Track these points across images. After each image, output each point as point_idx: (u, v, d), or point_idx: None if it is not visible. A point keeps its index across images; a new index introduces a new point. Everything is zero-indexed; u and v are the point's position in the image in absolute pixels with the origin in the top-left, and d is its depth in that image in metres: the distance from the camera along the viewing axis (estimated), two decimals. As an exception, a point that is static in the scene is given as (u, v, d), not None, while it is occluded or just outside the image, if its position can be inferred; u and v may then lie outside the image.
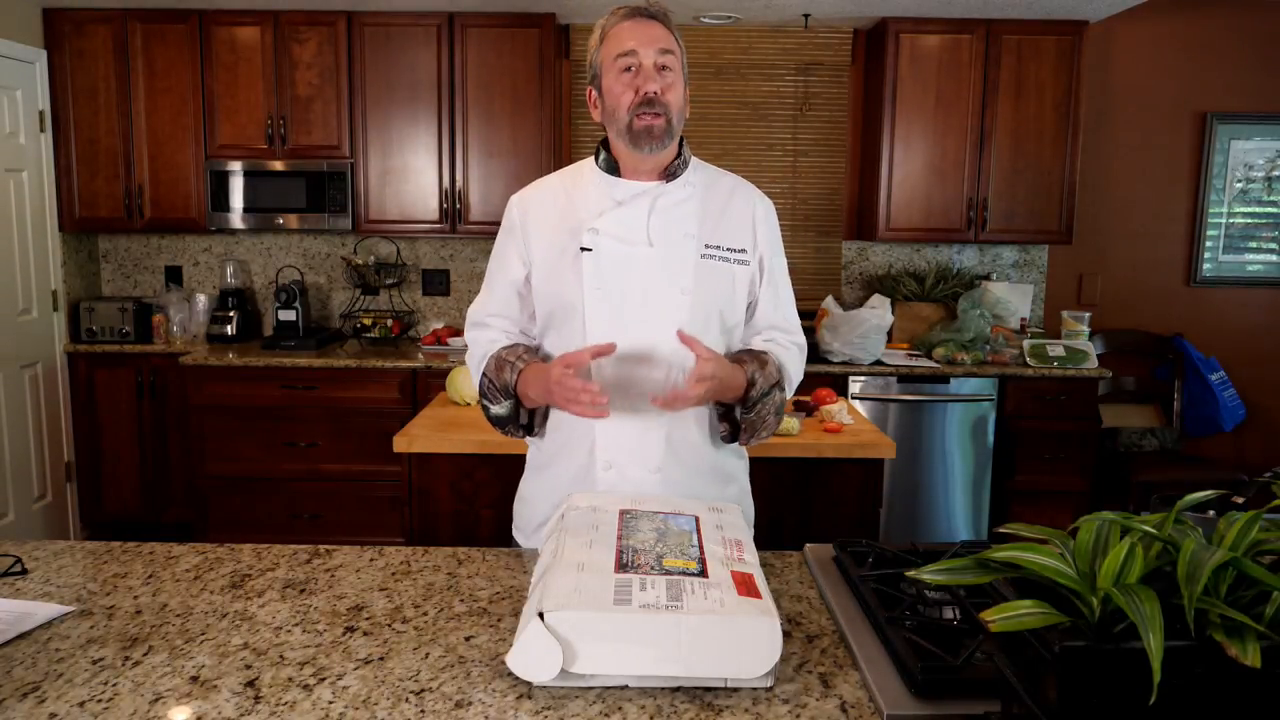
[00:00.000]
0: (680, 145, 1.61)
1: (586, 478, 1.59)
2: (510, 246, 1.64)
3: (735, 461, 1.71)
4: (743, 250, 1.61)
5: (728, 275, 1.60)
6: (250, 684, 1.09)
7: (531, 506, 1.71)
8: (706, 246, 1.59)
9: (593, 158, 1.64)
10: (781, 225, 1.71)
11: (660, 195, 1.58)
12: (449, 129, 4.08)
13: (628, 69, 1.52)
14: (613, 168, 1.60)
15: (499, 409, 1.62)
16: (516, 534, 1.77)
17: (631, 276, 1.55)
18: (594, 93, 1.60)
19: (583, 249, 1.56)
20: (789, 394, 1.65)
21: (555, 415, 1.64)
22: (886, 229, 4.15)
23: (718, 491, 1.65)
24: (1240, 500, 1.04)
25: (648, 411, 1.56)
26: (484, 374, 1.63)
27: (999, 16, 4.00)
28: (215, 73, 4.05)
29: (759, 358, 1.59)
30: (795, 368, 1.67)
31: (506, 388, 1.58)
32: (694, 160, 1.65)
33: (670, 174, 1.59)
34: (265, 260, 4.50)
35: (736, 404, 1.58)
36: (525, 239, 1.62)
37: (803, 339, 1.71)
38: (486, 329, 1.67)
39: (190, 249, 4.50)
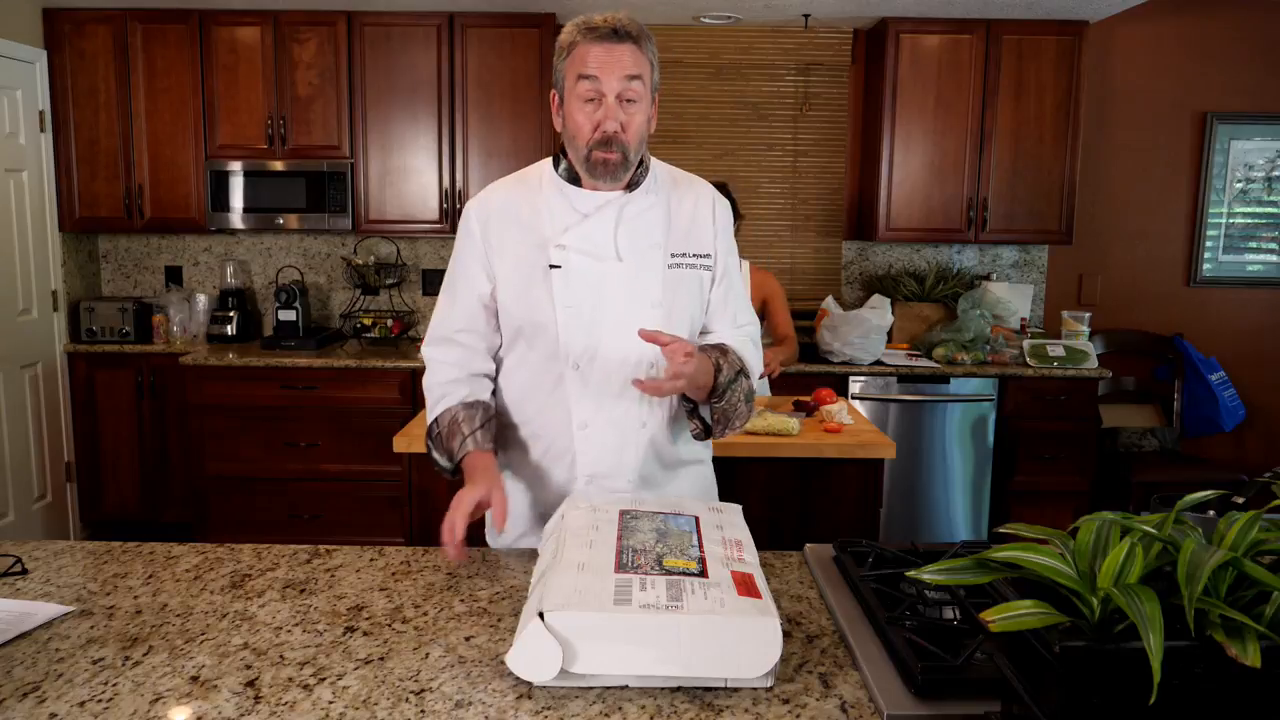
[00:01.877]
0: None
1: (566, 490, 1.59)
2: (472, 258, 1.60)
3: (698, 447, 1.70)
4: (707, 255, 1.61)
5: (695, 282, 1.60)
6: (250, 684, 1.09)
7: (509, 517, 1.67)
8: (673, 255, 1.57)
9: (551, 162, 1.59)
10: (781, 225, 1.69)
11: (625, 205, 1.55)
12: (449, 129, 4.08)
13: (590, 99, 1.47)
14: (574, 178, 1.56)
15: (441, 462, 1.60)
16: (490, 538, 1.73)
17: (602, 293, 1.53)
18: (557, 101, 1.55)
19: (551, 266, 1.53)
20: (754, 382, 1.65)
21: (533, 425, 1.62)
22: (886, 229, 4.15)
23: (688, 480, 1.67)
24: (1240, 500, 1.04)
25: (627, 425, 1.56)
26: (435, 421, 1.59)
27: (999, 17, 4.00)
28: (215, 73, 4.05)
29: (718, 347, 1.59)
30: (751, 356, 1.65)
31: (451, 455, 1.57)
32: (653, 163, 1.61)
33: (633, 183, 1.56)
34: (265, 260, 4.50)
35: (706, 398, 1.56)
36: (487, 252, 1.58)
37: (755, 329, 1.70)
38: (452, 346, 1.62)
39: (190, 249, 4.50)
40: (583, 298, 1.53)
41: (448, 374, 1.62)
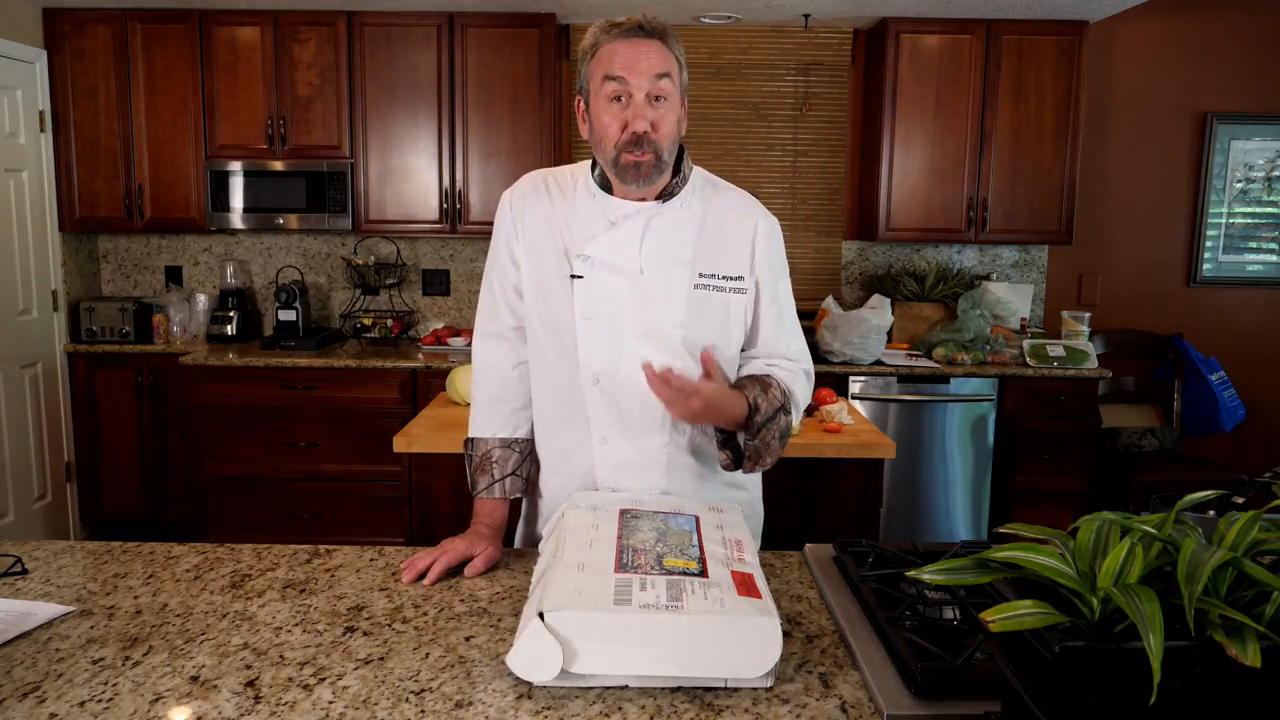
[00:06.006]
0: (680, 160, 1.52)
1: None
2: (503, 248, 1.59)
3: (737, 474, 1.64)
4: (739, 278, 1.54)
5: (721, 305, 1.53)
6: (250, 684, 1.09)
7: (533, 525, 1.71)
8: (700, 275, 1.51)
9: (590, 165, 1.55)
10: (781, 225, 1.61)
11: (655, 216, 1.50)
12: (449, 129, 4.08)
13: (617, 98, 1.42)
14: (607, 184, 1.52)
15: (467, 475, 1.64)
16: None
17: (623, 308, 1.49)
18: (582, 107, 1.50)
19: (573, 276, 1.50)
20: (796, 419, 1.58)
21: (553, 433, 1.61)
22: (886, 229, 4.15)
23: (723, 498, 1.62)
24: (1240, 500, 1.04)
25: (645, 442, 1.53)
26: (472, 443, 1.63)
27: (999, 16, 4.00)
28: (215, 73, 4.05)
29: (761, 382, 1.51)
30: (802, 393, 1.59)
31: (474, 486, 1.60)
32: (696, 175, 1.56)
33: (667, 193, 1.51)
34: (265, 260, 4.50)
35: (739, 431, 1.51)
36: (516, 242, 1.57)
37: (810, 364, 1.62)
38: (500, 341, 1.62)
39: (190, 249, 4.50)
40: (603, 311, 1.50)
41: (495, 385, 1.63)
